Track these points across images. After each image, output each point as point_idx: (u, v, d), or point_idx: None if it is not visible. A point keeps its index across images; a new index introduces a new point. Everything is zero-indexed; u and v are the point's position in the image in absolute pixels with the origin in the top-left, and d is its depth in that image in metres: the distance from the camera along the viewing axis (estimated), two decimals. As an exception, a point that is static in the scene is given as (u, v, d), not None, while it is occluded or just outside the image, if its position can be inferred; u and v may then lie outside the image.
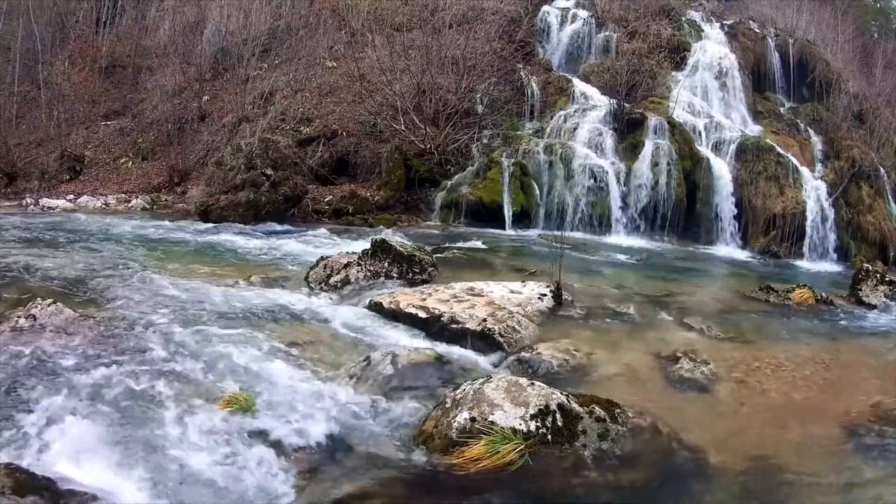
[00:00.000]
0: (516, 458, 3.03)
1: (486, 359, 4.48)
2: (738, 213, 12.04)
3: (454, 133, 13.19)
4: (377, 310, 5.21)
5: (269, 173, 11.04)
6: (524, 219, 11.76)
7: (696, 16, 16.96)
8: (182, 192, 13.80)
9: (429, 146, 12.92)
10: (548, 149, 12.35)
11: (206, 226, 10.32)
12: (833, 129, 14.05)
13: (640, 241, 11.41)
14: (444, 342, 4.62)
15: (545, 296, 5.54)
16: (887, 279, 6.95)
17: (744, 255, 11.51)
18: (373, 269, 6.10)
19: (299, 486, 2.85)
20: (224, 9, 17.44)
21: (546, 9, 16.70)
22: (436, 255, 7.03)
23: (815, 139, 13.97)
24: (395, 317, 5.05)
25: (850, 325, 6.00)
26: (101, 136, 16.29)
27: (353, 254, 6.39)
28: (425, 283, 6.00)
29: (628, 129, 12.70)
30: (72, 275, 5.89)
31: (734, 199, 12.07)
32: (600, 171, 11.96)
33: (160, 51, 17.28)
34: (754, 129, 14.12)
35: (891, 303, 6.66)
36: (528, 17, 16.32)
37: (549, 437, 3.19)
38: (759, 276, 8.90)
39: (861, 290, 6.85)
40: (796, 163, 12.55)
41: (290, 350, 4.24)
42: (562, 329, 5.04)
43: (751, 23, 16.93)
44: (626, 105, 13.01)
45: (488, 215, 11.61)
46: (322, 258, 6.45)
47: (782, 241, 11.71)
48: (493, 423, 3.18)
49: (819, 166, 13.24)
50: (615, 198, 11.89)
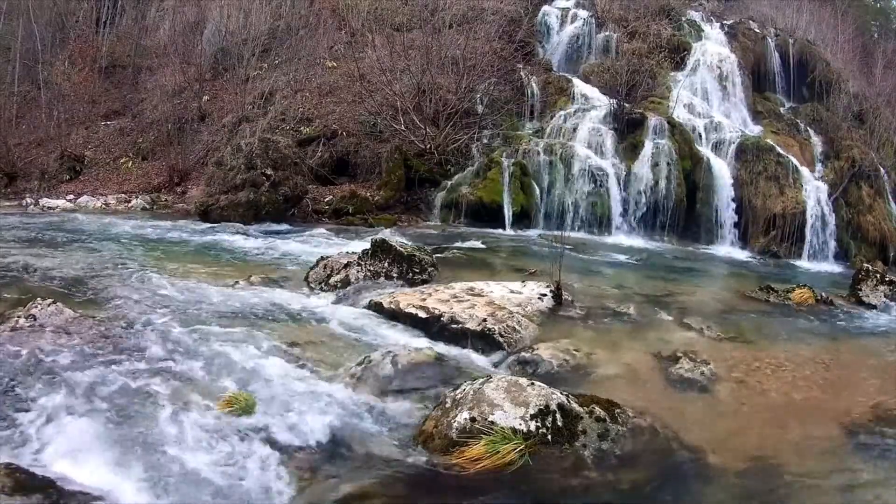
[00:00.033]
0: (516, 458, 3.03)
1: (486, 359, 4.48)
2: (738, 213, 12.05)
3: (454, 133, 13.19)
4: (377, 310, 5.22)
5: (269, 173, 11.04)
6: (524, 219, 11.76)
7: (696, 16, 16.97)
8: (182, 192, 13.80)
9: (429, 146, 12.92)
10: (548, 149, 12.35)
11: (206, 226, 10.32)
12: (833, 129, 14.05)
13: (640, 241, 11.41)
14: (444, 342, 4.62)
15: (545, 296, 5.54)
16: (887, 279, 6.95)
17: (744, 255, 11.51)
18: (373, 269, 6.10)
19: (299, 486, 2.85)
20: (224, 9, 17.45)
21: (546, 9, 16.72)
22: (436, 255, 7.02)
23: (815, 139, 13.97)
24: (395, 317, 5.05)
25: (850, 325, 6.01)
26: (101, 136, 16.29)
27: (353, 254, 6.39)
28: (425, 283, 6.01)
29: (628, 129, 12.70)
30: (72, 275, 5.89)
31: (734, 200, 12.08)
32: (600, 171, 11.96)
33: (160, 51, 17.28)
34: (754, 129, 14.13)
35: (891, 303, 6.67)
36: (528, 17, 16.33)
37: (549, 437, 3.19)
38: (759, 276, 8.91)
39: (861, 290, 6.85)
40: (796, 163, 12.56)
41: (290, 350, 4.24)
42: (562, 329, 5.04)
43: (751, 23, 16.94)
44: (626, 105, 13.01)
45: (488, 215, 11.61)
46: (322, 258, 6.46)
47: (782, 241, 11.71)
48: (493, 423, 3.17)
49: (819, 166, 13.25)
50: (615, 198, 11.89)
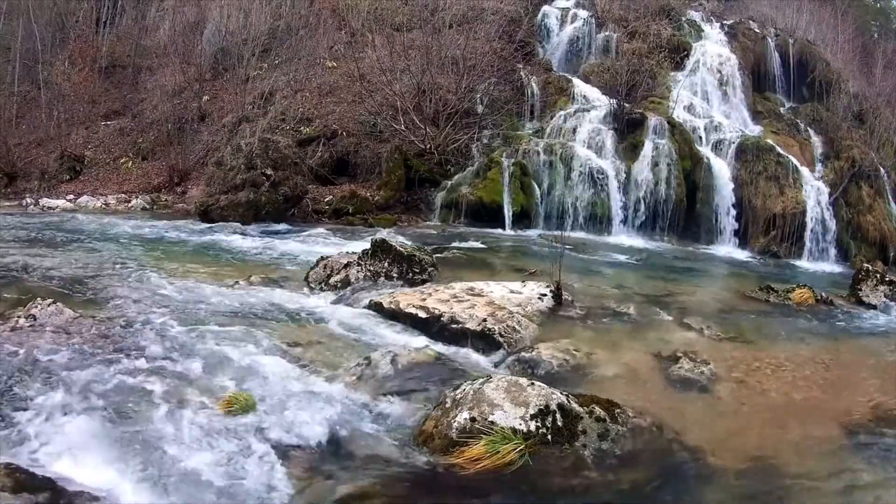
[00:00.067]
0: (516, 458, 3.03)
1: (486, 359, 4.48)
2: (738, 213, 12.05)
3: (454, 133, 13.19)
4: (377, 310, 5.22)
5: (269, 173, 11.04)
6: (524, 219, 11.76)
7: (696, 16, 16.97)
8: (182, 192, 13.81)
9: (429, 146, 12.92)
10: (548, 149, 12.35)
11: (205, 226, 10.33)
12: (833, 129, 14.05)
13: (640, 241, 11.41)
14: (444, 342, 4.62)
15: (545, 296, 5.54)
16: (887, 279, 6.95)
17: (744, 255, 11.51)
18: (373, 269, 6.10)
19: (299, 486, 2.85)
20: (224, 9, 17.45)
21: (546, 9, 16.72)
22: (436, 255, 7.03)
23: (815, 139, 13.97)
24: (395, 317, 5.05)
25: (850, 325, 6.01)
26: (101, 136, 16.30)
27: (353, 254, 6.39)
28: (425, 283, 6.00)
29: (628, 130, 12.70)
30: (72, 275, 5.90)
31: (734, 199, 12.08)
32: (600, 171, 11.96)
33: (160, 51, 17.28)
34: (754, 129, 14.12)
35: (891, 303, 6.66)
36: (528, 17, 16.33)
37: (549, 437, 3.19)
38: (759, 276, 8.91)
39: (861, 290, 6.85)
40: (796, 163, 12.56)
41: (290, 350, 4.24)
42: (562, 329, 5.04)
43: (751, 23, 16.94)
44: (626, 105, 13.00)
45: (488, 215, 11.61)
46: (322, 258, 6.45)
47: (782, 241, 11.71)
48: (493, 423, 3.17)
49: (819, 166, 13.24)
50: (615, 198, 11.89)
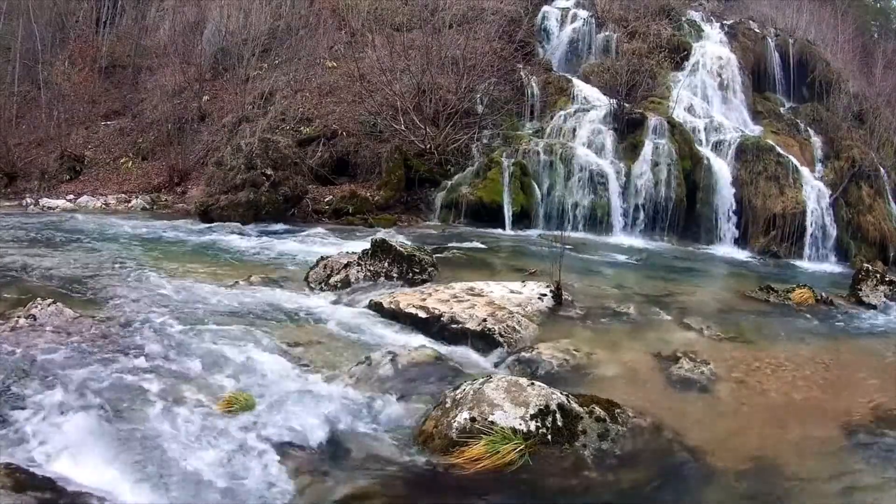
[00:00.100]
0: (516, 458, 3.03)
1: (486, 359, 4.48)
2: (738, 213, 12.04)
3: (454, 133, 13.19)
4: (377, 310, 5.22)
5: (269, 173, 11.04)
6: (524, 219, 11.76)
7: (696, 16, 16.97)
8: (182, 192, 13.80)
9: (429, 146, 12.92)
10: (548, 149, 12.34)
11: (205, 226, 10.33)
12: (833, 129, 14.05)
13: (640, 241, 11.40)
14: (444, 342, 4.62)
15: (545, 296, 5.54)
16: (887, 279, 6.94)
17: (744, 255, 11.50)
18: (373, 269, 6.10)
19: (299, 485, 2.85)
20: (224, 9, 17.45)
21: (546, 9, 16.72)
22: (436, 255, 7.02)
23: (815, 139, 13.97)
24: (395, 317, 5.05)
25: (850, 325, 6.00)
26: (101, 136, 16.29)
27: (353, 254, 6.39)
28: (425, 283, 6.00)
29: (628, 130, 12.70)
30: (71, 274, 5.90)
31: (734, 200, 12.07)
32: (600, 171, 11.96)
33: (160, 51, 17.28)
34: (754, 129, 14.12)
35: (891, 303, 6.66)
36: (528, 17, 16.33)
37: (549, 437, 3.19)
38: (759, 276, 8.90)
39: (861, 290, 6.84)
40: (796, 163, 12.56)
41: (290, 350, 4.24)
42: (562, 329, 5.04)
43: (751, 23, 16.93)
44: (626, 105, 13.00)
45: (488, 215, 11.61)
46: (322, 258, 6.45)
47: (782, 241, 11.71)
48: (493, 423, 3.18)
49: (819, 166, 13.24)
50: (615, 198, 11.88)
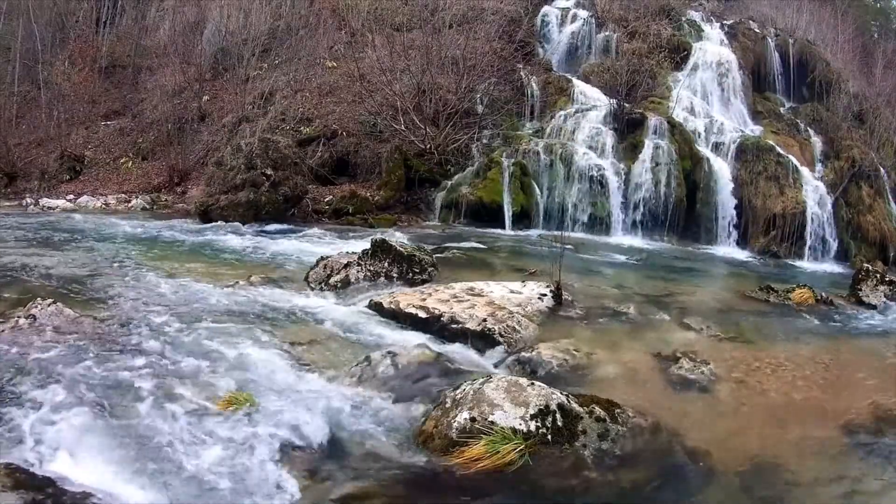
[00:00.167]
0: (516, 458, 3.03)
1: (486, 359, 4.48)
2: (738, 213, 12.05)
3: (454, 133, 13.19)
4: (377, 310, 5.22)
5: (269, 173, 11.04)
6: (524, 219, 11.76)
7: (696, 16, 16.96)
8: (182, 192, 13.80)
9: (429, 146, 12.92)
10: (548, 149, 12.35)
11: (205, 226, 10.33)
12: (833, 129, 14.05)
13: (640, 241, 11.41)
14: (444, 342, 4.62)
15: (545, 296, 5.54)
16: (887, 279, 6.94)
17: (744, 255, 11.50)
18: (373, 269, 6.10)
19: (299, 485, 2.85)
20: (224, 9, 17.44)
21: (546, 9, 16.72)
22: (436, 255, 7.02)
23: (815, 139, 13.97)
24: (395, 317, 5.05)
25: (850, 325, 6.00)
26: (101, 136, 16.29)
27: (353, 254, 6.39)
28: (425, 283, 6.00)
29: (628, 129, 12.70)
30: (71, 275, 5.89)
31: (734, 199, 12.07)
32: (600, 171, 11.96)
33: (160, 51, 17.28)
34: (754, 129, 14.13)
35: (891, 303, 6.65)
36: (528, 17, 16.33)
37: (549, 437, 3.19)
38: (759, 276, 8.90)
39: (861, 290, 6.84)
40: (796, 163, 12.56)
41: (290, 350, 4.24)
42: (562, 329, 5.04)
43: (751, 23, 16.93)
44: (626, 105, 13.00)
45: (488, 215, 11.60)
46: (322, 258, 6.45)
47: (782, 241, 11.71)
48: (493, 423, 3.18)
49: (819, 166, 13.25)
50: (615, 198, 11.89)
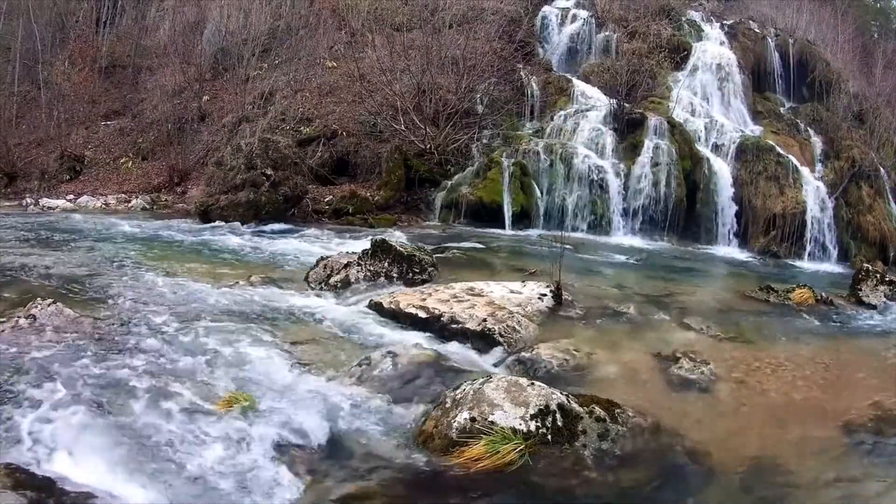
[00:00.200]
0: (516, 458, 3.03)
1: (486, 359, 4.47)
2: (738, 213, 12.05)
3: (454, 133, 13.19)
4: (377, 310, 5.22)
5: (269, 173, 11.04)
6: (524, 219, 11.76)
7: (696, 16, 16.97)
8: (182, 192, 13.80)
9: (429, 146, 12.92)
10: (548, 149, 12.35)
11: (205, 226, 10.33)
12: (833, 129, 14.05)
13: (640, 241, 11.41)
14: (444, 342, 4.62)
15: (545, 296, 5.54)
16: (887, 279, 6.94)
17: (744, 255, 11.50)
18: (373, 269, 6.10)
19: (299, 485, 2.85)
20: (224, 9, 17.44)
21: (546, 9, 16.72)
22: (436, 255, 7.02)
23: (815, 139, 13.97)
24: (394, 317, 5.05)
25: (850, 325, 6.00)
26: (101, 136, 16.29)
27: (353, 254, 6.39)
28: (425, 283, 6.00)
29: (628, 129, 12.70)
30: (71, 275, 5.89)
31: (734, 199, 12.08)
32: (600, 171, 11.96)
33: (160, 51, 17.27)
34: (754, 129, 14.13)
35: (891, 303, 6.65)
36: (528, 17, 16.33)
37: (549, 437, 3.20)
38: (759, 276, 8.90)
39: (861, 290, 6.83)
40: (796, 163, 12.56)
41: (290, 350, 4.24)
42: (562, 329, 5.04)
43: (751, 23, 16.94)
44: (626, 105, 13.00)
45: (488, 215, 11.61)
46: (322, 258, 6.45)
47: (782, 241, 11.71)
48: (493, 423, 3.18)
49: (819, 166, 13.25)
50: (615, 198, 11.89)
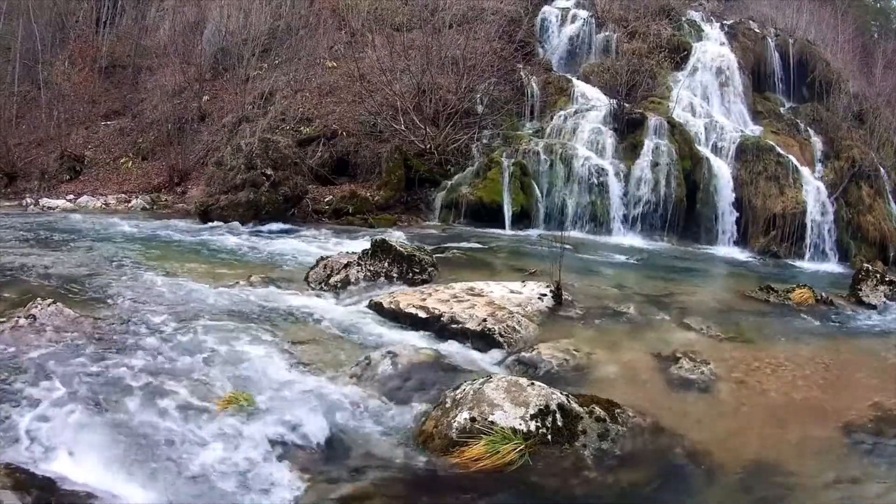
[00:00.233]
0: (516, 458, 3.03)
1: (486, 359, 4.47)
2: (738, 213, 12.06)
3: (454, 133, 13.19)
4: (377, 310, 5.22)
5: (269, 173, 11.04)
6: (524, 219, 11.76)
7: (696, 16, 16.96)
8: (182, 192, 13.80)
9: (429, 146, 12.92)
10: (548, 149, 12.35)
11: (205, 226, 10.33)
12: (833, 129, 14.05)
13: (640, 241, 11.41)
14: (444, 342, 4.62)
15: (545, 296, 5.54)
16: (887, 279, 6.94)
17: (744, 255, 11.51)
18: (373, 269, 6.10)
19: (299, 485, 2.85)
20: (224, 9, 17.44)
21: (546, 9, 16.72)
22: (436, 255, 7.02)
23: (815, 139, 13.97)
24: (395, 317, 5.05)
25: (850, 325, 6.00)
26: (101, 136, 16.29)
27: (353, 254, 6.39)
28: (425, 283, 6.00)
29: (628, 130, 12.70)
30: (71, 275, 5.89)
31: (734, 199, 12.08)
32: (600, 171, 11.96)
33: (160, 51, 17.27)
34: (754, 129, 14.13)
35: (891, 303, 6.65)
36: (528, 17, 16.33)
37: (549, 437, 3.19)
38: (759, 276, 8.91)
39: (861, 290, 6.84)
40: (796, 163, 12.56)
41: (290, 350, 4.24)
42: (562, 329, 5.04)
43: (751, 23, 16.93)
44: (626, 105, 13.01)
45: (488, 215, 11.61)
46: (322, 258, 6.45)
47: (782, 241, 11.71)
48: (493, 423, 3.18)
49: (819, 166, 13.25)
50: (615, 198, 11.89)
